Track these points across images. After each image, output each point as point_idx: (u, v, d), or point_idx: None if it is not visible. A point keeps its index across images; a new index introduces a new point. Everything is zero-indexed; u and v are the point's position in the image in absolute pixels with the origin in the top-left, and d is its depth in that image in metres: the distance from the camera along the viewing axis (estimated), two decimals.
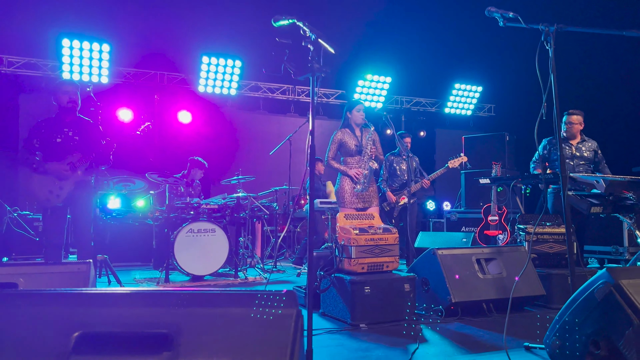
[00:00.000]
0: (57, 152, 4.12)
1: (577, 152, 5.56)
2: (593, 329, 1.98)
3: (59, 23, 7.77)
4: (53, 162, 4.09)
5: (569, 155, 5.57)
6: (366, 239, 3.71)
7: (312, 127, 2.32)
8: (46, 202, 4.07)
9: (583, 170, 5.55)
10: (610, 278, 1.93)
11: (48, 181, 4.08)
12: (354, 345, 3.00)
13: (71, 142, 4.19)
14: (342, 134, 5.02)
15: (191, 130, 8.94)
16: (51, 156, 4.11)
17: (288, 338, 1.23)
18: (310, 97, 2.35)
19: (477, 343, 3.02)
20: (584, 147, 5.57)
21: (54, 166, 4.09)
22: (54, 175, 4.09)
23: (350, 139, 4.98)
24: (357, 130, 5.05)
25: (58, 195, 4.08)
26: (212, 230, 5.77)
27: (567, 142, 5.57)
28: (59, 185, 4.09)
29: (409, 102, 10.55)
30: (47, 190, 4.06)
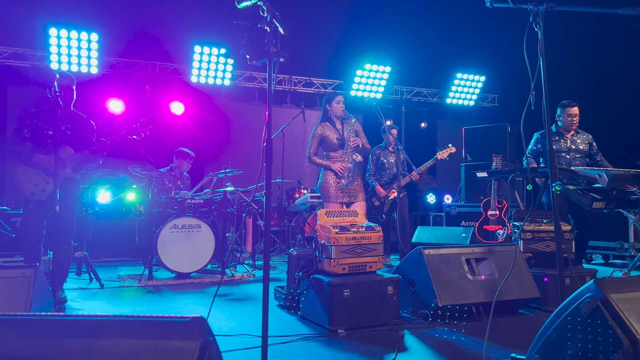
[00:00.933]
0: (48, 145, 3.93)
1: (573, 145, 5.33)
2: (577, 348, 1.74)
3: (47, 12, 7.56)
4: (42, 155, 3.92)
5: (565, 149, 5.34)
6: (347, 237, 3.47)
7: (268, 120, 2.08)
8: (30, 196, 3.91)
9: (580, 163, 5.31)
10: (597, 291, 1.69)
11: (34, 174, 3.93)
12: (326, 354, 2.77)
13: (63, 136, 4.00)
14: (322, 128, 4.86)
15: (184, 121, 8.72)
16: (41, 148, 3.93)
17: None
18: (267, 84, 2.11)
19: (463, 354, 2.78)
20: (579, 139, 5.34)
21: (43, 159, 3.92)
22: (42, 169, 3.93)
23: (331, 133, 4.81)
24: (337, 123, 4.89)
25: (44, 190, 3.93)
26: (198, 225, 5.57)
27: (561, 135, 5.34)
28: (45, 180, 3.93)
29: (410, 93, 10.25)
30: (32, 184, 3.91)
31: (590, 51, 8.63)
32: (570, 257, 4.03)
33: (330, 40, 9.18)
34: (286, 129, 7.27)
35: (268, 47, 2.13)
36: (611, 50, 8.45)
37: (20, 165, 3.95)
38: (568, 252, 4.02)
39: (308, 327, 3.39)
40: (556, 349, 1.82)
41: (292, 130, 8.13)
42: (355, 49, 9.30)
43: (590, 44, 8.53)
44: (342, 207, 4.81)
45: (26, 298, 2.36)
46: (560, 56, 8.90)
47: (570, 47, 8.52)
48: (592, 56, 8.65)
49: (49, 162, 3.88)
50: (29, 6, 7.51)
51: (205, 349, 1.06)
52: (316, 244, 3.57)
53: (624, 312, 1.61)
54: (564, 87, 9.22)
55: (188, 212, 5.67)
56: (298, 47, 9.31)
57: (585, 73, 8.78)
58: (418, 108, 10.47)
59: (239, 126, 8.98)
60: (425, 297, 3.51)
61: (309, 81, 9.57)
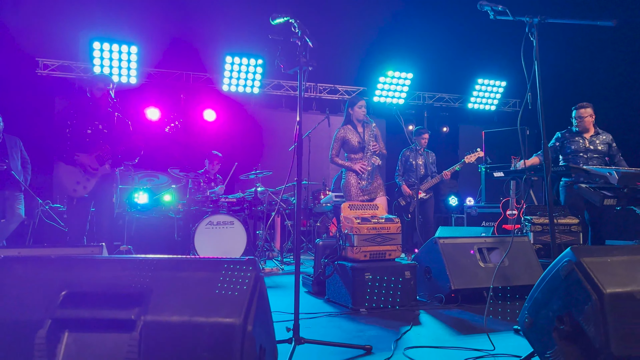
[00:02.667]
0: (87, 144, 4.25)
1: (591, 145, 5.53)
2: (558, 305, 2.07)
3: (89, 26, 8.16)
4: (82, 154, 4.23)
5: (583, 149, 5.54)
6: (368, 228, 3.84)
7: (299, 118, 2.48)
8: (73, 193, 4.22)
9: (597, 163, 5.51)
10: (573, 256, 2.02)
11: (76, 172, 4.22)
12: (350, 327, 3.15)
13: (101, 135, 4.32)
14: (345, 131, 5.11)
15: (216, 128, 9.22)
16: (80, 147, 4.24)
17: (245, 296, 1.40)
18: (298, 89, 2.51)
19: (470, 327, 3.12)
20: (598, 140, 5.54)
21: (83, 158, 4.23)
22: (82, 167, 4.23)
23: (352, 136, 5.07)
24: (359, 127, 5.14)
25: (85, 187, 4.24)
26: (231, 222, 6.00)
27: (580, 135, 5.55)
28: (86, 177, 4.24)
29: (432, 98, 10.57)
30: (74, 181, 4.21)
31: (610, 49, 8.83)
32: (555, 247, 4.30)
33: (354, 49, 9.59)
34: (312, 134, 7.69)
35: (299, 57, 2.53)
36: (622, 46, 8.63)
37: (62, 165, 4.24)
38: (576, 244, 4.30)
39: (333, 307, 3.77)
40: (542, 308, 2.16)
41: (317, 135, 8.53)
42: (378, 56, 9.69)
43: (610, 43, 8.73)
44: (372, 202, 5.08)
45: None
46: (583, 54, 9.11)
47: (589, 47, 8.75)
48: (613, 54, 8.84)
49: (89, 160, 4.23)
50: (74, 21, 8.11)
51: (258, 278, 1.46)
52: (340, 234, 3.95)
53: (593, 272, 1.94)
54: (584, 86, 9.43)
55: (222, 209, 6.11)
56: (323, 55, 9.74)
57: (606, 72, 8.97)
58: (440, 113, 10.77)
59: (267, 132, 9.43)
60: (440, 282, 3.85)
61: (333, 88, 9.98)
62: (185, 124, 9.06)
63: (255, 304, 1.41)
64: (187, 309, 1.38)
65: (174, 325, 1.35)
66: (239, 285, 1.41)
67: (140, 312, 1.37)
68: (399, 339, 2.81)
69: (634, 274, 1.95)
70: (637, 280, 1.94)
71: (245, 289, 1.41)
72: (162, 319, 1.36)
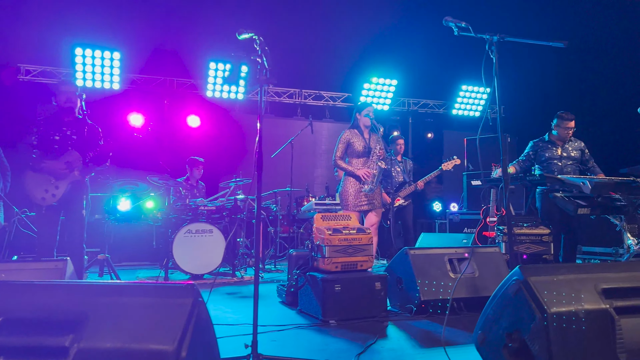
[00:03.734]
0: (55, 151, 4.18)
1: (564, 153, 5.60)
2: (507, 322, 2.11)
3: (72, 32, 8.14)
4: (50, 160, 4.15)
5: (557, 156, 5.60)
6: (340, 239, 3.87)
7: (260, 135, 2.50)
8: (41, 201, 4.13)
9: (571, 170, 5.57)
10: (520, 275, 2.06)
11: (44, 180, 4.14)
12: (316, 340, 3.17)
13: (69, 141, 4.26)
14: (351, 134, 5.10)
15: (200, 134, 9.21)
16: (48, 154, 4.17)
17: (181, 322, 1.42)
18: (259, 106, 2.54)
19: (434, 339, 3.15)
20: (571, 147, 5.60)
21: (51, 164, 4.15)
22: (51, 174, 4.15)
23: (358, 140, 5.06)
24: (365, 132, 5.14)
25: (54, 195, 4.15)
26: (210, 230, 6.00)
27: (553, 143, 5.61)
28: (54, 185, 4.16)
29: (416, 104, 10.63)
30: (43, 189, 4.13)
31: (576, 60, 8.96)
32: (549, 258, 4.35)
33: (339, 55, 9.63)
34: (295, 141, 7.71)
35: (260, 76, 2.56)
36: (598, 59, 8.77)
37: (29, 172, 4.15)
38: (547, 254, 4.34)
39: (304, 318, 3.79)
40: (493, 324, 2.20)
41: (301, 141, 8.55)
42: (363, 63, 9.74)
43: (575, 54, 8.86)
44: (360, 215, 5.11)
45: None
46: (549, 65, 9.25)
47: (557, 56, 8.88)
48: (580, 64, 8.97)
49: (58, 167, 4.15)
50: (56, 27, 8.10)
51: (195, 305, 1.48)
52: (312, 245, 3.98)
53: (539, 291, 1.98)
54: (549, 96, 9.57)
55: (201, 218, 6.11)
56: (308, 62, 9.79)
57: (572, 82, 9.11)
58: (425, 119, 10.83)
59: (252, 138, 9.42)
60: (410, 293, 3.88)
61: (318, 94, 10.01)
62: (170, 130, 9.06)
63: (192, 330, 1.43)
64: (123, 336, 1.39)
65: (108, 353, 1.37)
66: (176, 312, 1.43)
67: (75, 339, 1.39)
68: (361, 353, 2.83)
69: (578, 293, 1.99)
70: (580, 299, 1.98)
71: (182, 315, 1.43)
72: (96, 346, 1.38)
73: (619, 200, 5.14)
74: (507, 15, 8.75)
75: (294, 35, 9.50)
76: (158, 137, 8.90)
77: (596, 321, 1.96)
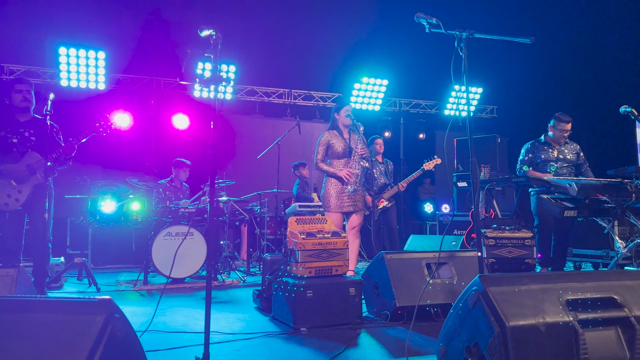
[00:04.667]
0: (14, 154, 4.03)
1: (560, 155, 5.47)
2: (467, 336, 1.98)
3: (56, 32, 8.04)
4: (10, 164, 4.01)
5: (553, 158, 5.47)
6: (313, 243, 3.74)
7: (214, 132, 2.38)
8: (4, 207, 4.00)
9: (567, 172, 5.45)
10: (480, 285, 1.94)
11: (5, 184, 4.00)
12: (283, 350, 3.04)
13: (28, 143, 4.10)
14: (330, 136, 5.00)
15: (188, 134, 9.09)
16: (7, 158, 4.02)
17: (88, 343, 1.30)
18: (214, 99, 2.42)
19: (404, 347, 3.02)
20: (567, 149, 5.49)
21: (11, 167, 4.00)
22: (12, 177, 4.01)
23: (338, 141, 4.96)
24: (344, 132, 5.04)
25: (17, 199, 4.02)
26: (190, 233, 5.88)
27: (549, 145, 5.48)
28: (17, 189, 4.02)
29: (408, 105, 10.51)
30: (4, 194, 3.99)
31: (566, 61, 8.86)
32: (531, 262, 4.22)
33: (329, 55, 9.53)
34: (283, 141, 7.58)
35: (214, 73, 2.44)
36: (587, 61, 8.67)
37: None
38: (529, 258, 4.22)
39: (276, 326, 3.66)
40: (454, 337, 2.07)
41: (288, 142, 8.45)
42: (354, 63, 9.63)
43: (565, 55, 8.77)
44: (342, 217, 4.99)
45: (9, 295, 2.67)
46: (540, 66, 9.15)
47: (546, 57, 8.77)
48: (570, 65, 8.87)
49: (18, 170, 3.99)
50: (40, 27, 7.99)
51: (109, 323, 1.35)
52: (285, 249, 3.85)
53: (498, 303, 1.85)
54: (540, 97, 9.46)
55: (182, 220, 5.99)
56: (298, 62, 9.68)
57: (562, 83, 9.01)
58: (416, 119, 10.72)
59: (240, 138, 9.32)
60: (386, 299, 3.75)
61: (308, 95, 9.89)
62: (157, 130, 8.95)
63: (102, 350, 1.31)
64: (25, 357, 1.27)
65: None
66: (84, 330, 1.31)
67: None
68: None
69: (540, 305, 1.87)
70: (543, 311, 1.85)
71: (91, 334, 1.31)
72: None
73: (607, 202, 5.02)
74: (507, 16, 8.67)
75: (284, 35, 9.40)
76: (144, 138, 8.79)
77: (559, 335, 1.83)
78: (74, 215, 7.22)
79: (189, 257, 5.82)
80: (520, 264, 4.28)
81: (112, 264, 7.26)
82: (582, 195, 4.89)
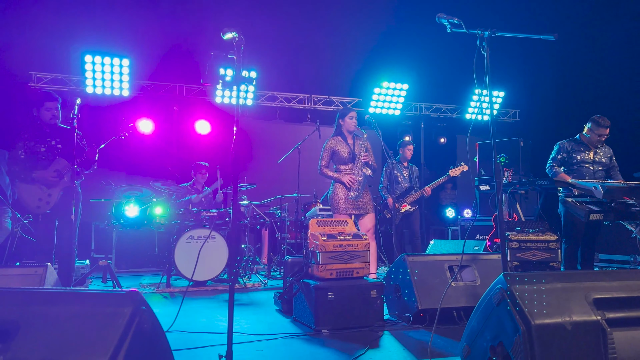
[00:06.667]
0: (43, 161, 4.36)
1: (596, 157, 5.33)
2: (491, 335, 1.96)
3: (82, 40, 8.20)
4: (39, 171, 4.33)
5: (590, 160, 5.30)
6: (334, 245, 3.74)
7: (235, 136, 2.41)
8: (36, 210, 4.30)
9: (602, 175, 5.30)
10: (504, 284, 1.91)
11: (36, 189, 4.32)
12: (304, 350, 3.04)
13: (55, 151, 4.43)
14: (335, 142, 5.08)
15: (209, 140, 9.17)
16: (37, 165, 4.34)
17: (116, 334, 1.32)
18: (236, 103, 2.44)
19: (427, 349, 2.99)
20: (602, 152, 5.33)
21: (41, 174, 4.32)
22: (42, 183, 4.33)
23: (342, 147, 5.02)
24: (349, 138, 5.11)
25: (48, 202, 4.33)
26: (212, 237, 5.92)
27: (585, 146, 5.30)
28: (47, 193, 4.34)
29: (429, 109, 10.45)
30: (36, 198, 4.31)
31: (590, 63, 8.72)
32: (556, 265, 4.15)
33: (349, 60, 9.55)
34: (303, 146, 7.61)
35: (237, 74, 2.46)
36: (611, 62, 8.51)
37: (21, 184, 4.34)
38: (554, 261, 4.15)
39: (297, 327, 3.66)
40: (478, 336, 2.05)
41: (308, 147, 8.44)
42: (373, 67, 9.62)
43: (594, 56, 8.62)
44: (352, 218, 5.01)
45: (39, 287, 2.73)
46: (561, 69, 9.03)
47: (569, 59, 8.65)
48: (593, 68, 8.73)
49: (47, 175, 4.33)
50: (66, 35, 8.16)
51: (136, 315, 1.38)
52: (306, 251, 3.86)
53: (523, 302, 1.83)
54: (563, 99, 9.32)
55: (204, 224, 6.04)
56: (318, 67, 9.72)
57: (585, 85, 8.86)
58: (437, 124, 10.64)
59: (260, 144, 9.37)
60: (408, 301, 3.73)
61: (328, 100, 9.92)
62: (179, 136, 9.05)
63: (130, 342, 1.33)
64: (53, 347, 1.30)
65: None
66: (112, 322, 1.34)
67: (2, 351, 1.30)
68: None
69: (566, 303, 1.84)
70: (568, 310, 1.82)
71: (118, 325, 1.33)
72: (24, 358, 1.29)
73: (634, 205, 4.91)
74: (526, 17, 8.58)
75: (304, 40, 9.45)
76: (167, 143, 8.90)
77: (586, 334, 1.80)
78: (98, 220, 7.35)
79: (211, 260, 5.86)
80: (544, 268, 4.21)
81: (135, 268, 7.36)
82: (608, 198, 4.79)
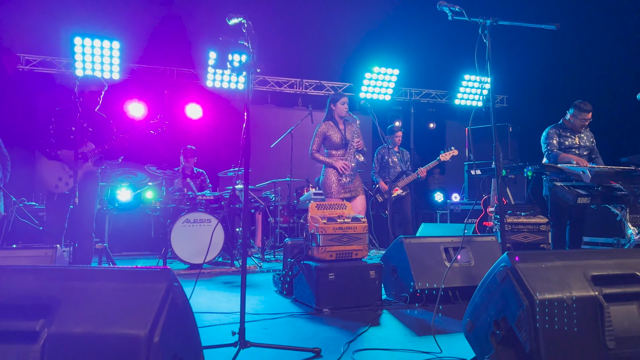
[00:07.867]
0: (71, 141, 4.21)
1: (581, 142, 5.46)
2: (495, 310, 2.07)
3: (71, 22, 8.11)
4: (66, 150, 4.22)
5: (576, 145, 5.43)
6: (334, 227, 3.84)
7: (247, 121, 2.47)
8: (54, 189, 4.20)
9: (587, 159, 5.44)
10: (508, 262, 2.02)
11: (58, 168, 4.22)
12: (307, 328, 3.15)
13: (85, 133, 4.33)
14: (327, 127, 5.13)
15: (201, 124, 9.18)
16: (64, 144, 4.23)
17: (154, 307, 1.39)
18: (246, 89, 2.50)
19: (426, 328, 3.12)
20: (585, 136, 5.47)
21: (67, 153, 4.22)
22: (66, 162, 4.23)
23: (334, 132, 5.08)
24: (340, 123, 5.16)
25: (67, 183, 4.22)
26: (208, 220, 5.99)
27: (571, 131, 5.44)
28: (68, 174, 4.23)
29: (418, 94, 10.55)
30: (56, 177, 4.21)
31: (577, 48, 8.86)
32: (546, 247, 4.30)
33: (340, 45, 9.56)
34: (295, 131, 7.67)
35: (247, 60, 2.52)
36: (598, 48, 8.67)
37: (44, 159, 4.25)
38: (544, 243, 4.30)
39: (298, 307, 3.77)
40: (481, 312, 2.16)
41: (301, 131, 8.49)
42: (364, 52, 9.66)
43: (575, 43, 8.76)
44: (343, 201, 5.11)
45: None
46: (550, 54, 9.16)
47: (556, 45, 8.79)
48: (581, 52, 8.88)
49: (72, 156, 4.18)
50: (55, 17, 8.07)
51: (170, 290, 1.45)
52: (306, 233, 3.95)
53: (526, 278, 1.94)
54: (550, 85, 9.47)
55: (200, 207, 6.10)
56: (309, 52, 9.73)
57: (573, 70, 9.02)
58: (427, 109, 10.75)
59: (252, 128, 9.38)
60: (405, 282, 3.85)
61: (319, 84, 9.96)
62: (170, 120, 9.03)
63: (166, 315, 1.41)
64: (94, 320, 1.37)
65: (78, 337, 1.34)
66: (149, 296, 1.41)
67: (45, 324, 1.36)
68: (352, 340, 2.81)
69: (566, 280, 1.95)
70: (568, 286, 1.94)
71: (155, 299, 1.41)
72: (66, 331, 1.36)
73: (620, 189, 5.08)
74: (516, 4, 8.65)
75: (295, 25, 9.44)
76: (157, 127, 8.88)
77: (585, 308, 1.92)
78: None
79: (206, 244, 5.92)
80: (535, 249, 4.36)
81: (129, 251, 7.40)
82: (596, 183, 4.95)
